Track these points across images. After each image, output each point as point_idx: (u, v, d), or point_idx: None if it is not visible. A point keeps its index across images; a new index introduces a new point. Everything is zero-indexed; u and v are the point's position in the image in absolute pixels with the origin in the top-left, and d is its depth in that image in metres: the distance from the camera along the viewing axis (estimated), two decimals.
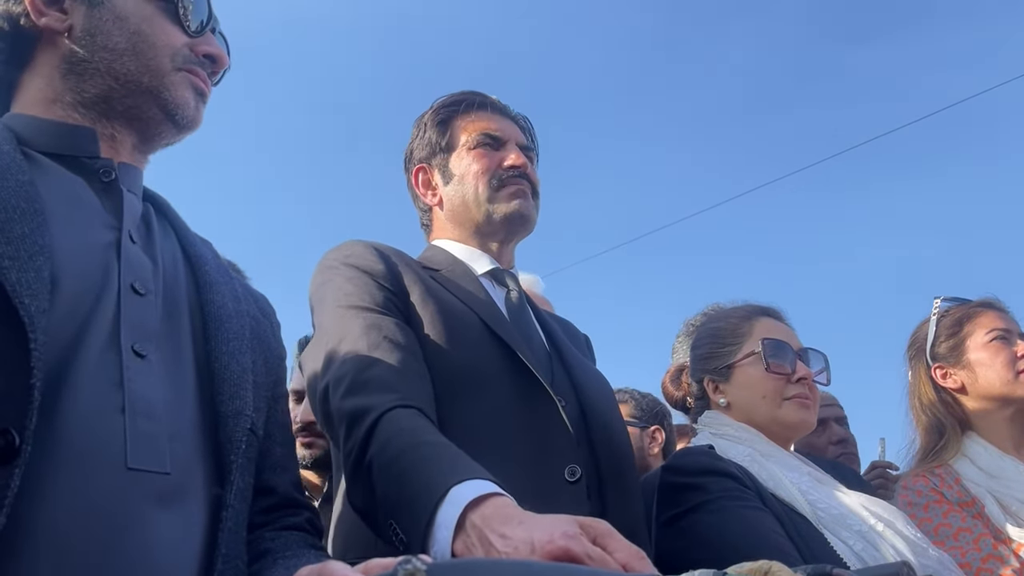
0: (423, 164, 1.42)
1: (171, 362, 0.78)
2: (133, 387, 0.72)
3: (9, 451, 0.61)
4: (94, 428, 0.68)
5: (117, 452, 0.68)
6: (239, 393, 0.82)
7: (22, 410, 0.63)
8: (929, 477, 1.63)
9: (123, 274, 0.77)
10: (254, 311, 0.97)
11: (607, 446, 1.18)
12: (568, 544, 0.69)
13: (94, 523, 0.65)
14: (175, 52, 0.89)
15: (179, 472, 0.73)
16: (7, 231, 0.68)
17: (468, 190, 1.35)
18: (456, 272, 1.29)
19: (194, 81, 0.91)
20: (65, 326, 0.69)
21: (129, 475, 0.68)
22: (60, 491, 0.64)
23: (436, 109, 1.43)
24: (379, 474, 0.92)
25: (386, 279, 1.18)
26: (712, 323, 1.57)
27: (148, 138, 0.92)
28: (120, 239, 0.80)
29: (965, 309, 1.81)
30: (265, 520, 0.88)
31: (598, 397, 1.25)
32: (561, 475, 1.10)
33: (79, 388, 0.68)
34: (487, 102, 1.42)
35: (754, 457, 1.34)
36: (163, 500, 0.71)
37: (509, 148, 1.37)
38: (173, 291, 0.84)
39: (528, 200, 1.35)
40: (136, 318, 0.76)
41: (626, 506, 1.18)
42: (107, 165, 0.86)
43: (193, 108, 0.91)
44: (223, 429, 0.79)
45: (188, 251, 0.91)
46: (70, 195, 0.80)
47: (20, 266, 0.66)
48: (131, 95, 0.87)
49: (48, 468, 0.64)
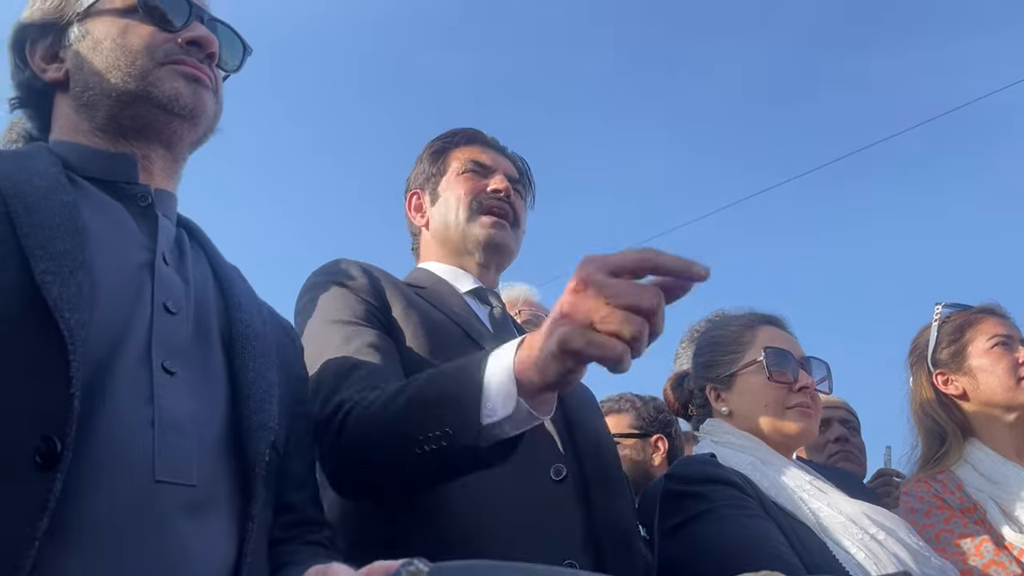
0: (416, 190, 1.50)
1: (199, 378, 0.81)
2: (162, 402, 0.74)
3: (52, 457, 0.64)
4: (125, 441, 0.70)
5: (146, 465, 0.70)
6: (264, 407, 0.85)
7: (63, 419, 0.65)
8: (931, 483, 1.63)
9: (156, 293, 0.81)
10: (279, 333, 1.00)
11: (591, 449, 1.21)
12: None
13: (125, 533, 0.67)
14: (154, 50, 0.91)
15: (205, 484, 0.75)
16: (49, 248, 0.71)
17: (450, 211, 1.41)
18: (440, 290, 1.33)
19: (182, 70, 0.92)
20: (101, 341, 0.72)
21: (157, 487, 0.70)
22: (93, 500, 0.67)
23: (433, 142, 1.51)
24: (390, 413, 0.94)
25: (368, 293, 1.21)
26: (714, 331, 1.57)
27: (169, 144, 0.94)
28: (154, 260, 0.84)
29: (966, 315, 1.82)
30: (286, 536, 0.90)
31: (580, 403, 1.28)
32: (547, 474, 1.12)
33: (112, 401, 0.71)
34: (484, 137, 1.49)
35: (756, 465, 1.34)
36: (190, 512, 0.73)
37: (496, 175, 1.42)
38: (203, 311, 0.87)
39: (505, 229, 1.39)
40: (167, 336, 0.79)
41: (613, 504, 1.20)
42: (144, 191, 0.90)
43: (189, 95, 0.92)
44: (248, 442, 0.82)
45: (219, 274, 0.94)
46: (109, 217, 0.84)
47: (62, 281, 0.69)
48: (128, 106, 0.90)
49: (83, 477, 0.66)
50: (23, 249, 0.70)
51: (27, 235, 0.71)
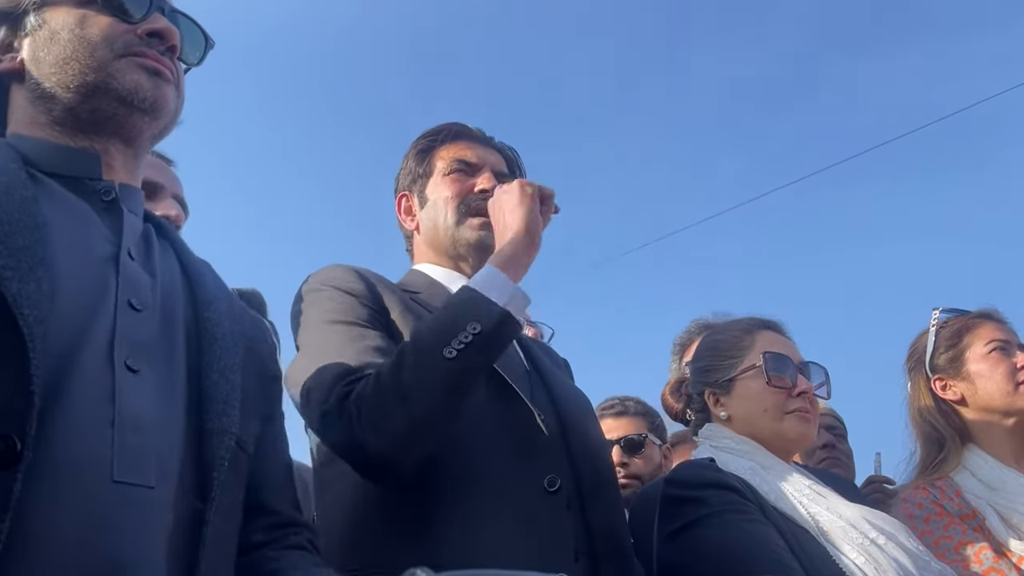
0: (405, 192, 1.49)
1: (163, 377, 0.80)
2: (123, 401, 0.73)
3: (10, 456, 0.63)
4: (84, 440, 0.69)
5: (104, 465, 0.69)
6: (227, 411, 0.83)
7: (21, 417, 0.64)
8: (930, 489, 1.63)
9: (121, 289, 0.79)
10: (251, 331, 0.98)
11: (586, 457, 1.20)
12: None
13: (82, 533, 0.66)
14: (113, 41, 0.88)
15: (163, 486, 0.74)
16: (8, 243, 0.69)
17: (439, 215, 1.40)
18: (434, 294, 1.32)
19: (142, 62, 0.89)
20: (62, 337, 0.70)
21: (114, 488, 0.69)
22: (52, 500, 0.66)
23: (418, 140, 1.49)
24: (405, 360, 1.04)
25: (367, 298, 1.21)
26: (713, 336, 1.57)
27: (128, 138, 0.91)
28: (119, 256, 0.82)
29: (964, 320, 1.82)
30: (267, 539, 0.89)
31: (576, 411, 1.27)
32: (541, 485, 1.12)
33: (72, 399, 0.69)
34: (468, 132, 1.47)
35: (755, 470, 1.34)
36: (146, 513, 0.72)
37: (482, 173, 1.40)
38: (170, 307, 0.85)
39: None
40: (131, 333, 0.77)
41: (607, 515, 1.20)
42: (108, 186, 0.87)
43: (150, 88, 0.89)
44: (207, 446, 0.80)
45: (187, 269, 0.92)
46: (71, 213, 0.81)
47: (21, 277, 0.68)
48: (87, 99, 0.87)
49: (41, 476, 0.65)
50: None
51: None
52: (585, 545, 1.12)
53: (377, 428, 1.01)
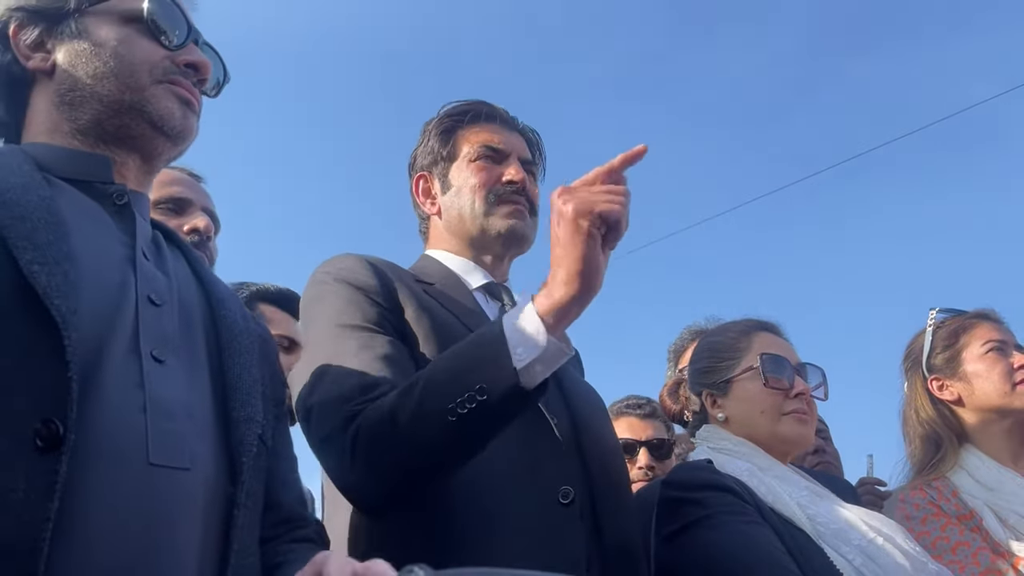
0: (424, 172, 1.42)
1: (187, 368, 0.82)
2: (153, 388, 0.75)
3: (55, 439, 0.65)
4: (119, 425, 0.71)
5: (140, 448, 0.72)
6: (250, 401, 0.86)
7: (62, 402, 0.66)
8: (927, 490, 1.63)
9: (140, 285, 0.81)
10: (261, 331, 1.00)
11: (600, 463, 1.17)
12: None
13: (124, 513, 0.69)
14: (153, 66, 0.91)
15: (197, 469, 0.76)
16: (33, 239, 0.72)
17: (465, 203, 1.34)
18: (449, 285, 1.29)
19: (177, 91, 0.92)
20: (90, 329, 0.72)
21: (152, 470, 0.72)
22: (96, 481, 0.68)
23: (441, 118, 1.42)
24: (411, 401, 0.97)
25: (379, 295, 1.17)
26: (711, 337, 1.57)
27: (147, 157, 0.94)
28: (135, 255, 0.84)
29: (961, 320, 1.82)
30: (274, 534, 0.91)
31: (590, 412, 1.24)
32: (555, 497, 1.08)
33: (105, 387, 0.71)
34: (494, 113, 1.41)
35: (753, 472, 1.34)
36: (183, 495, 0.74)
37: (510, 162, 1.35)
38: (187, 305, 0.87)
39: (524, 219, 1.34)
40: (154, 326, 0.80)
41: (620, 524, 1.17)
42: (120, 190, 0.89)
43: (180, 118, 0.92)
44: (235, 433, 0.82)
45: (198, 271, 0.95)
46: (86, 214, 0.84)
47: (48, 270, 0.70)
48: (117, 115, 0.89)
49: (84, 459, 0.67)
50: (5, 241, 0.71)
51: (8, 227, 0.72)
52: (597, 555, 1.09)
53: (372, 470, 0.99)
